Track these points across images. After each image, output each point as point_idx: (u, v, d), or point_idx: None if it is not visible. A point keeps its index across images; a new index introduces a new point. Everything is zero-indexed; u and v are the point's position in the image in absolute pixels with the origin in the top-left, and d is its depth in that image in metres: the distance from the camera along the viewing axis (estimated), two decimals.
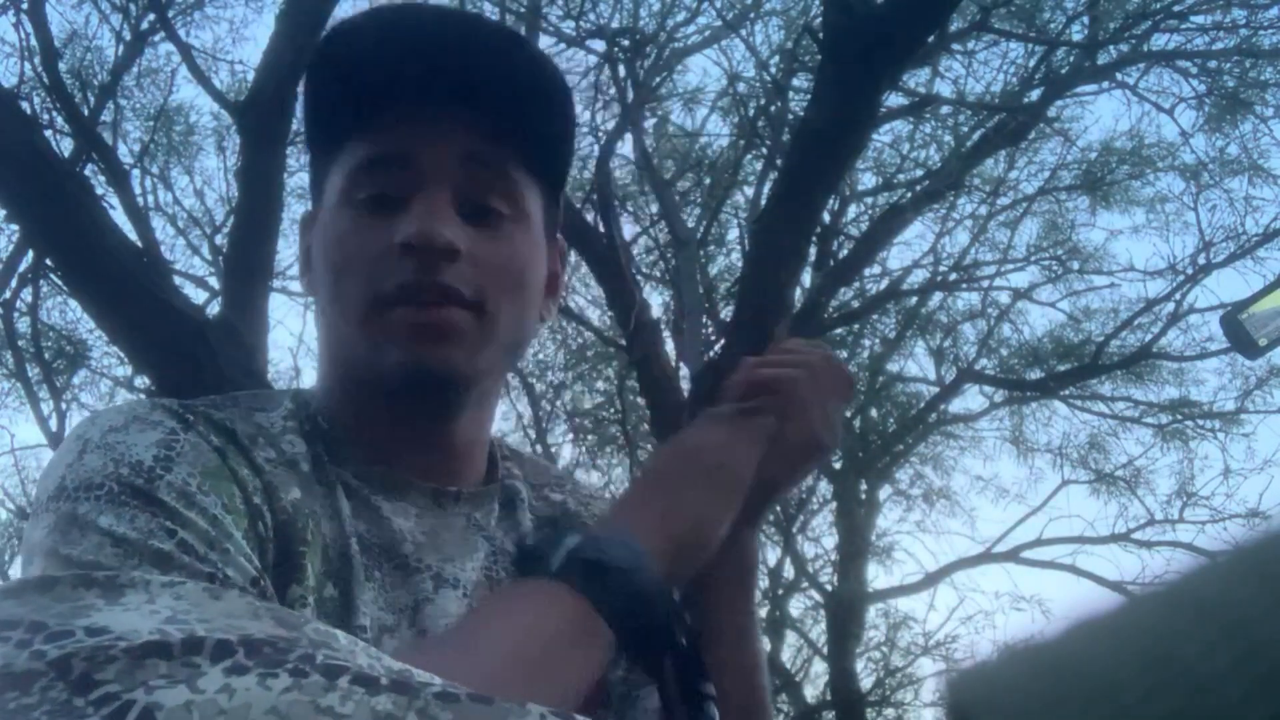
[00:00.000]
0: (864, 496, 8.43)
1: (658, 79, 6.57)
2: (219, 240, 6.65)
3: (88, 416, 0.68)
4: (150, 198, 6.56)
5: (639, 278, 6.34)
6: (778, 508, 8.25)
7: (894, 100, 5.55)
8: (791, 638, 8.84)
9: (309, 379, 7.41)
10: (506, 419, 7.63)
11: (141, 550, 0.56)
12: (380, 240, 0.70)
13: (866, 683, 8.14)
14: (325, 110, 0.75)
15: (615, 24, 6.25)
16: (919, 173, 6.80)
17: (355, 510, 0.71)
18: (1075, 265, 7.64)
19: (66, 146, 4.59)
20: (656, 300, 6.69)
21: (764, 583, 8.64)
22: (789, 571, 8.59)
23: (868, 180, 7.18)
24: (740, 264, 6.03)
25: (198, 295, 5.90)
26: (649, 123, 6.90)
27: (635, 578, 0.64)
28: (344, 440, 0.74)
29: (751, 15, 6.35)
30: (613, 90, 6.23)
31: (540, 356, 7.94)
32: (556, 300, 0.84)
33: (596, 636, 0.62)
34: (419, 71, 0.71)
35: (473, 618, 0.62)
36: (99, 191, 3.91)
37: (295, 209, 4.47)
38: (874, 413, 8.34)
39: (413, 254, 0.69)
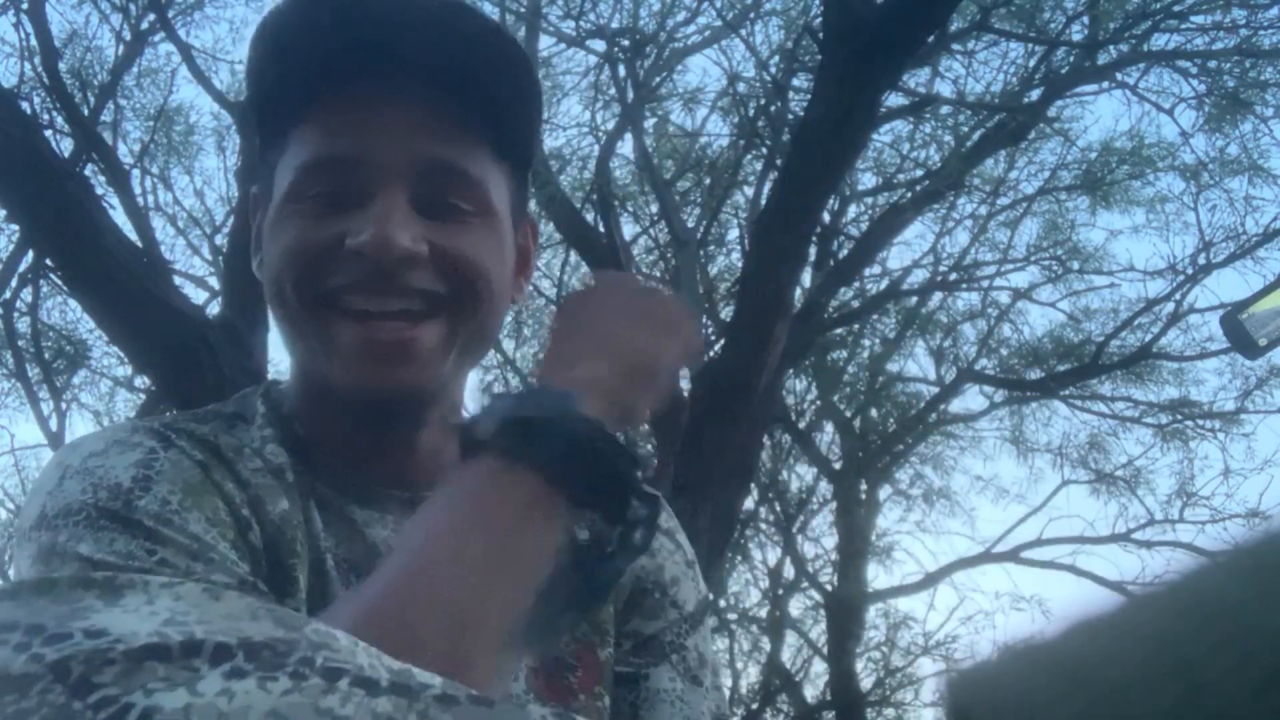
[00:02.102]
0: (864, 496, 8.43)
1: (658, 79, 6.57)
2: (219, 240, 6.66)
3: (70, 442, 0.68)
4: (150, 198, 6.56)
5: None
6: (777, 505, 8.25)
7: (894, 100, 5.55)
8: (791, 638, 8.84)
9: None
10: None
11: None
12: (330, 236, 0.66)
13: (866, 683, 8.14)
14: (271, 92, 0.70)
15: (615, 24, 6.25)
16: (919, 173, 6.79)
17: (328, 521, 0.70)
18: (1075, 265, 7.64)
19: (66, 146, 4.58)
20: None
21: (764, 583, 8.65)
22: (789, 571, 8.59)
23: (868, 180, 7.18)
24: (740, 264, 6.03)
25: (198, 295, 5.90)
26: (649, 123, 6.90)
27: (562, 424, 0.58)
28: (317, 447, 0.73)
29: (751, 15, 6.35)
30: (613, 90, 6.23)
31: (540, 356, 7.93)
32: (527, 279, 0.81)
33: (544, 499, 0.57)
34: (368, 50, 0.67)
35: (417, 527, 0.57)
36: (99, 191, 3.90)
37: None
38: (874, 413, 8.34)
39: (365, 262, 0.65)
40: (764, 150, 6.19)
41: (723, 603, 8.02)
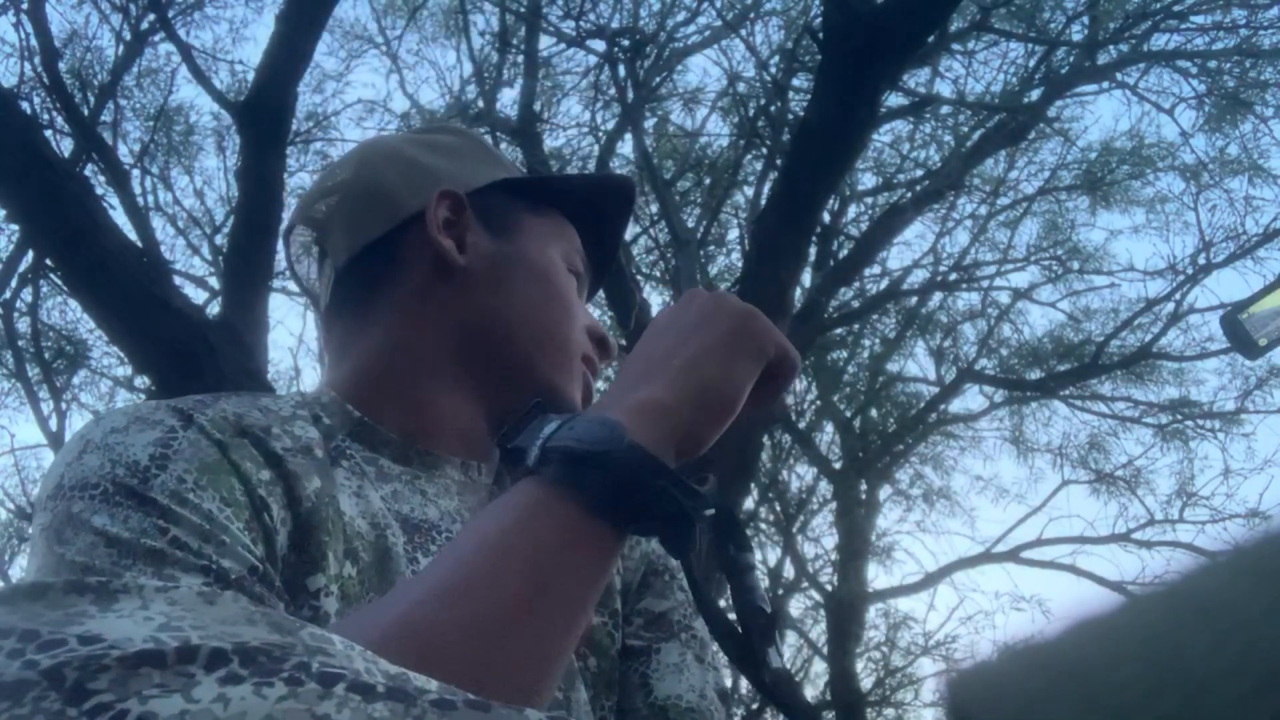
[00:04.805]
0: (864, 496, 8.43)
1: (658, 79, 6.57)
2: (219, 240, 6.66)
3: (94, 418, 0.69)
4: (150, 198, 6.55)
5: (639, 278, 6.34)
6: (777, 505, 8.25)
7: (894, 100, 5.56)
8: (791, 638, 8.84)
9: (310, 379, 7.39)
10: None
11: (134, 549, 0.58)
12: (581, 312, 0.88)
13: (866, 683, 8.14)
14: (573, 199, 0.92)
15: (615, 24, 6.25)
16: (919, 173, 6.80)
17: (397, 494, 0.75)
18: (1075, 265, 7.64)
19: (66, 146, 4.59)
20: (656, 300, 6.70)
21: (764, 583, 8.64)
22: (789, 571, 8.59)
23: (868, 180, 7.18)
24: (740, 264, 6.04)
25: (198, 295, 5.90)
26: (649, 123, 6.90)
27: (611, 455, 0.57)
28: (378, 424, 0.78)
29: (751, 15, 6.35)
30: (613, 90, 6.23)
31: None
32: None
33: (588, 530, 0.57)
34: (616, 220, 0.95)
35: (453, 548, 0.57)
36: (99, 191, 3.90)
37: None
38: (874, 413, 8.34)
39: (601, 348, 0.88)
40: (764, 150, 6.19)
41: (723, 602, 8.00)
